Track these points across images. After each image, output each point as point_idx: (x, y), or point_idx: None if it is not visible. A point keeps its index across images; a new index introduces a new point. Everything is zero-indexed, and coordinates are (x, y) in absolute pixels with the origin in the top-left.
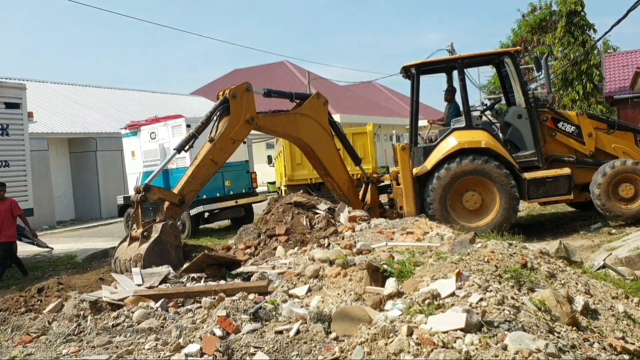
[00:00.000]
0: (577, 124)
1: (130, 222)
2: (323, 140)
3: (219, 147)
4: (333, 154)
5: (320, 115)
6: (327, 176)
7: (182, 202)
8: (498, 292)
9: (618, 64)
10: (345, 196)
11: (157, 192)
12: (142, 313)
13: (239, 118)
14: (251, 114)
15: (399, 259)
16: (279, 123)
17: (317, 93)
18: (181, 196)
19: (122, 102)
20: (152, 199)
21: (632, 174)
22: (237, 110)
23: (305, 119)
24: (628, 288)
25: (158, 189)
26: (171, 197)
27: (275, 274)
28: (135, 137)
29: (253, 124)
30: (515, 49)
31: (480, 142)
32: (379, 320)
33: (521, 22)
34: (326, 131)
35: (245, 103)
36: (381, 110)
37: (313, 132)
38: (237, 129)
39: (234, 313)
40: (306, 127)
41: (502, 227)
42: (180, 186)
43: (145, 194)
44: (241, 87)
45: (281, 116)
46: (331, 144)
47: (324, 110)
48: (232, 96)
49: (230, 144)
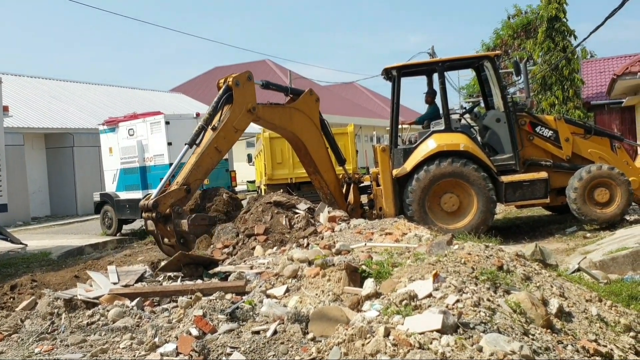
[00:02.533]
0: (555, 129)
1: (107, 219)
2: (315, 136)
3: (222, 136)
4: (323, 151)
5: (312, 112)
6: (316, 174)
7: (189, 191)
8: (474, 294)
9: (595, 70)
10: (332, 195)
11: (165, 201)
12: (118, 312)
13: (241, 107)
14: (252, 103)
15: (377, 260)
16: (277, 116)
17: (310, 90)
18: (186, 185)
19: (101, 98)
20: (164, 210)
21: (608, 179)
22: (239, 99)
23: (299, 114)
24: (601, 291)
25: (163, 197)
26: (179, 194)
27: (253, 274)
28: (113, 134)
29: (254, 114)
30: (495, 53)
31: (459, 145)
32: (357, 320)
33: (505, 22)
34: (317, 128)
35: (247, 92)
36: (362, 111)
37: (306, 127)
38: (240, 118)
39: (211, 313)
40: (300, 122)
41: (479, 229)
42: (184, 175)
43: (158, 210)
44: (243, 76)
45: (279, 109)
46: (322, 142)
47: (315, 107)
48: (235, 84)
49: (233, 132)
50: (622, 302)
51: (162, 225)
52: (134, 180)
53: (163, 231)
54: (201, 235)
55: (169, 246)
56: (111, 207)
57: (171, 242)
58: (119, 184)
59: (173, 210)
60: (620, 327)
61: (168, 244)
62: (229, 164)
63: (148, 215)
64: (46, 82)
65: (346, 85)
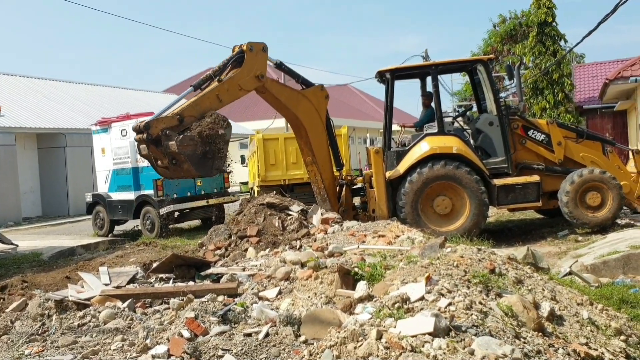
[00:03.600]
0: (547, 133)
1: (99, 220)
2: (318, 127)
3: (226, 88)
4: (324, 143)
5: (320, 105)
6: (314, 164)
7: (181, 121)
8: (466, 297)
9: (588, 75)
10: (326, 191)
11: (157, 124)
12: (109, 313)
13: (250, 70)
14: (262, 71)
15: (370, 262)
16: (284, 93)
17: (321, 85)
18: (180, 116)
19: (94, 98)
20: (155, 133)
21: (599, 183)
22: (250, 62)
23: (306, 101)
24: (593, 295)
25: (155, 121)
26: (171, 121)
27: (245, 276)
28: (105, 134)
29: (262, 81)
30: (488, 57)
31: (452, 148)
32: (349, 323)
33: (492, 32)
34: (322, 121)
35: (259, 59)
36: (356, 113)
37: (310, 115)
38: (247, 79)
39: (203, 315)
40: (306, 109)
41: (471, 232)
42: (181, 108)
43: (149, 131)
44: (259, 45)
45: (288, 89)
46: (324, 136)
47: (324, 102)
48: (249, 49)
49: (237, 89)
50: (613, 306)
51: (153, 147)
52: (126, 181)
53: (155, 153)
54: (191, 155)
55: (163, 168)
56: (103, 208)
57: (164, 164)
58: (111, 184)
59: (162, 133)
60: (611, 331)
61: (161, 166)
62: None
63: (140, 137)
64: (39, 82)
65: (340, 87)
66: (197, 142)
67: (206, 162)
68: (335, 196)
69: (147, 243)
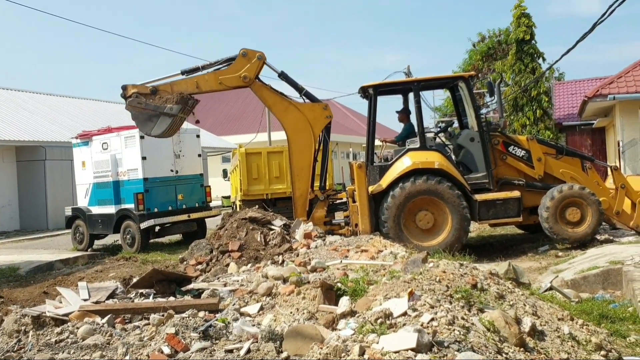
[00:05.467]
0: (527, 149)
1: (78, 234)
2: (304, 140)
3: (206, 78)
4: (305, 157)
5: (316, 122)
6: (290, 174)
7: (154, 93)
8: (449, 312)
9: (567, 92)
10: (294, 201)
11: (131, 88)
12: (88, 329)
13: (236, 71)
14: (249, 74)
15: (353, 277)
16: (271, 99)
17: (325, 104)
18: (153, 87)
19: (74, 111)
20: (127, 94)
21: (579, 199)
22: (238, 64)
23: (298, 113)
24: (573, 310)
25: (132, 85)
26: (144, 89)
27: (226, 291)
28: (86, 147)
29: (246, 82)
30: (469, 73)
31: (434, 163)
32: (332, 339)
33: (472, 50)
34: (312, 137)
35: (250, 65)
36: (339, 128)
37: (297, 127)
38: (229, 77)
39: (183, 331)
40: (295, 120)
41: (453, 247)
42: (157, 82)
43: (124, 92)
44: (254, 52)
45: (276, 97)
46: (309, 149)
47: (321, 119)
48: (242, 54)
49: (217, 83)
50: (593, 321)
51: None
52: (107, 195)
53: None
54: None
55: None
56: (83, 222)
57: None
58: (92, 198)
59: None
60: (591, 346)
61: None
62: (203, 179)
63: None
64: (18, 94)
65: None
66: (142, 106)
67: (148, 124)
68: (304, 208)
69: (127, 258)
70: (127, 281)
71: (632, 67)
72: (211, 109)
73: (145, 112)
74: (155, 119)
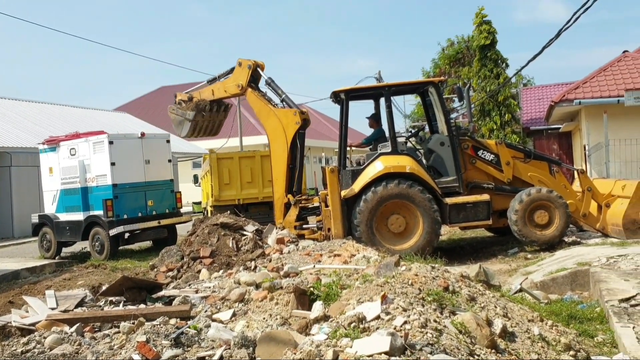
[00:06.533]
0: (496, 153)
1: (45, 242)
2: (279, 146)
3: (217, 86)
4: (280, 162)
5: (288, 127)
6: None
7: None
8: (421, 315)
9: (534, 97)
10: (274, 205)
11: (178, 95)
12: (55, 338)
13: (234, 80)
14: (241, 82)
15: (326, 282)
16: (256, 106)
17: (298, 111)
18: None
19: (41, 116)
20: (176, 100)
21: (547, 202)
22: (235, 74)
23: (275, 119)
24: (543, 311)
25: (179, 93)
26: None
27: (198, 298)
28: (53, 153)
29: (240, 89)
30: (439, 79)
31: (406, 167)
32: (305, 344)
33: (441, 54)
34: (285, 143)
35: (241, 73)
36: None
37: (275, 133)
38: (230, 85)
39: (154, 338)
40: (273, 125)
41: (425, 251)
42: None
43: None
44: (246, 61)
45: (262, 103)
46: (284, 155)
47: (291, 125)
48: (238, 64)
49: (223, 91)
50: (562, 322)
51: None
52: (74, 202)
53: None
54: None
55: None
56: (50, 229)
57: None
58: (59, 205)
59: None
60: (560, 346)
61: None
62: (174, 184)
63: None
64: None
65: None
66: (176, 111)
67: (179, 127)
68: (281, 212)
69: (96, 265)
70: (97, 289)
71: (597, 72)
72: None
73: (177, 117)
74: (183, 122)
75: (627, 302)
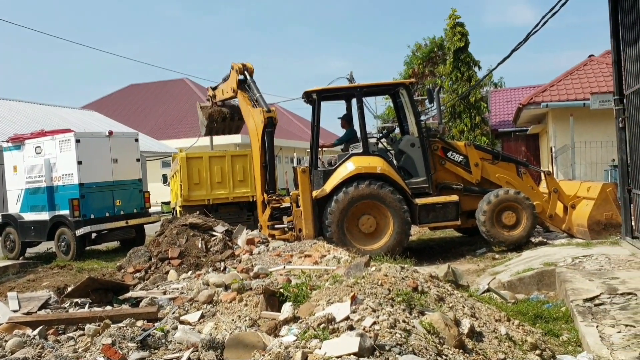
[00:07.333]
0: (465, 154)
1: (9, 242)
2: (255, 144)
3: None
4: (257, 161)
5: (257, 127)
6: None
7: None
8: (390, 316)
9: (503, 99)
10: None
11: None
12: (17, 342)
13: (229, 83)
14: (233, 86)
15: (296, 283)
16: (242, 107)
17: (264, 110)
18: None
19: (5, 114)
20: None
21: (514, 203)
22: (230, 77)
23: (250, 119)
24: (510, 311)
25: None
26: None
27: (166, 300)
28: (18, 151)
29: (232, 92)
30: (410, 80)
31: (377, 168)
32: (274, 346)
33: (412, 56)
34: (257, 139)
35: (233, 77)
36: (283, 133)
37: (252, 133)
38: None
39: (120, 341)
40: (251, 125)
41: (395, 251)
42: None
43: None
44: (237, 65)
45: (246, 105)
46: (257, 153)
47: (259, 125)
48: (231, 67)
49: (225, 92)
50: (528, 321)
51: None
52: (40, 201)
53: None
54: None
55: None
56: (14, 229)
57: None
58: (24, 204)
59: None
60: (527, 346)
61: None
62: (142, 184)
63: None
64: None
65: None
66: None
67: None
68: (260, 211)
69: (62, 266)
70: (62, 290)
71: (564, 76)
72: (150, 113)
73: (200, 117)
74: (202, 125)
75: (591, 301)
